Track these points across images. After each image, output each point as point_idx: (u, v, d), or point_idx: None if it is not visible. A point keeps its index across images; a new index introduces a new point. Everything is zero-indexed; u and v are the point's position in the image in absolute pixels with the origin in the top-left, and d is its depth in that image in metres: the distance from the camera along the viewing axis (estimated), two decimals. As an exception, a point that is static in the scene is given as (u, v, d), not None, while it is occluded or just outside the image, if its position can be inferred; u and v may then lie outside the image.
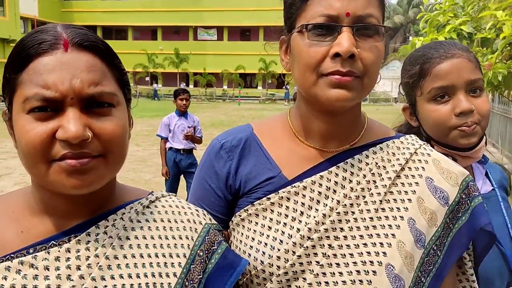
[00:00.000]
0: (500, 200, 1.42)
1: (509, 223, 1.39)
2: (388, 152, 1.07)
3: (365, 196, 1.02)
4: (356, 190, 1.02)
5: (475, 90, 1.32)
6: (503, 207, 1.41)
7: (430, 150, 1.12)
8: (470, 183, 1.09)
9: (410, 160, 1.08)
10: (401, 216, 1.00)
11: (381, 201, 1.01)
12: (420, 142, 1.13)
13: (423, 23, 4.95)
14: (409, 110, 1.46)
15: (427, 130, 1.39)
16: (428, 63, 1.34)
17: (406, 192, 1.03)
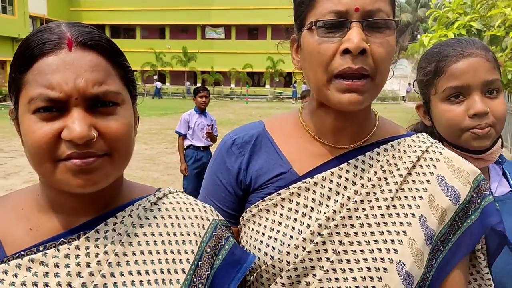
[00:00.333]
0: None
1: None
2: (399, 149, 1.07)
3: (376, 193, 1.01)
4: (367, 187, 1.02)
5: (491, 91, 1.28)
6: None
7: (442, 149, 1.12)
8: (481, 182, 1.08)
9: (421, 158, 1.07)
10: (412, 214, 1.00)
11: (392, 198, 1.01)
12: (431, 140, 1.13)
13: (431, 21, 4.93)
14: (423, 108, 1.42)
15: (440, 131, 1.36)
16: (444, 61, 1.30)
17: (418, 189, 1.03)
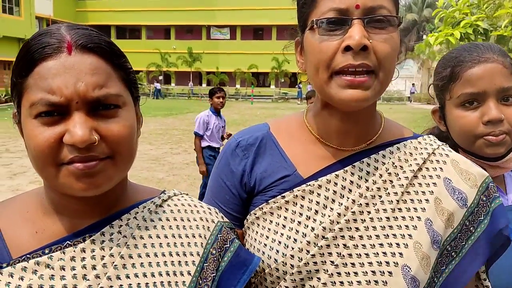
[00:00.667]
0: None
1: None
2: (405, 152, 1.06)
3: (381, 195, 1.00)
4: (372, 189, 1.00)
5: (507, 98, 1.25)
6: None
7: (449, 151, 1.10)
8: (490, 185, 1.07)
9: (427, 160, 1.06)
10: (418, 217, 0.99)
11: (397, 201, 1.00)
12: (438, 143, 1.11)
13: (437, 20, 4.90)
14: (438, 113, 1.40)
15: (454, 137, 1.34)
16: (460, 67, 1.28)
17: (424, 192, 1.02)
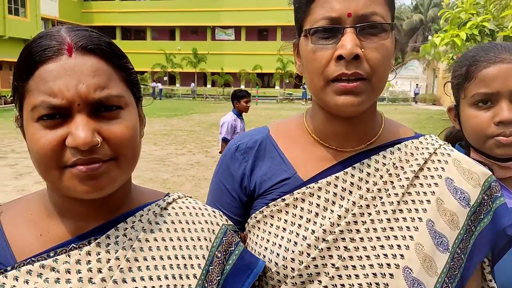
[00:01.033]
0: None
1: None
2: (406, 152, 1.05)
3: (381, 197, 0.99)
4: (373, 191, 1.00)
5: None
6: None
7: (451, 150, 1.09)
8: (492, 184, 1.06)
9: (429, 160, 1.05)
10: (419, 218, 0.98)
11: (398, 202, 0.99)
12: (440, 142, 1.10)
13: (443, 21, 4.88)
14: (453, 111, 1.41)
15: (466, 135, 1.35)
16: (475, 66, 1.28)
17: (425, 193, 1.01)
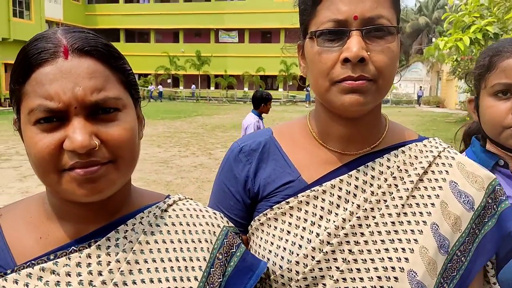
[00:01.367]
0: None
1: None
2: (410, 155, 1.05)
3: (386, 200, 0.99)
4: (377, 194, 0.99)
5: None
6: None
7: (455, 153, 1.09)
8: (496, 187, 1.06)
9: (433, 163, 1.05)
10: (424, 221, 0.98)
11: (403, 205, 0.99)
12: (444, 145, 1.10)
13: (447, 24, 4.87)
14: (473, 103, 1.41)
15: (483, 126, 1.35)
16: (497, 56, 1.29)
17: (429, 196, 1.01)
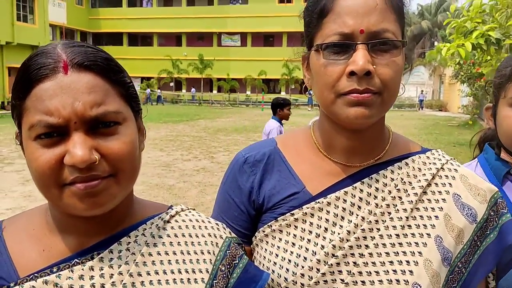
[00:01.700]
0: None
1: None
2: (414, 167, 1.05)
3: (390, 212, 1.00)
4: (381, 206, 1.00)
5: None
6: None
7: (458, 166, 1.10)
8: (498, 200, 1.06)
9: (436, 175, 1.06)
10: (428, 234, 0.98)
11: (407, 217, 0.99)
12: (447, 157, 1.11)
13: (449, 29, 4.88)
14: (491, 110, 1.41)
15: (499, 135, 1.36)
16: None
17: (433, 208, 1.01)
